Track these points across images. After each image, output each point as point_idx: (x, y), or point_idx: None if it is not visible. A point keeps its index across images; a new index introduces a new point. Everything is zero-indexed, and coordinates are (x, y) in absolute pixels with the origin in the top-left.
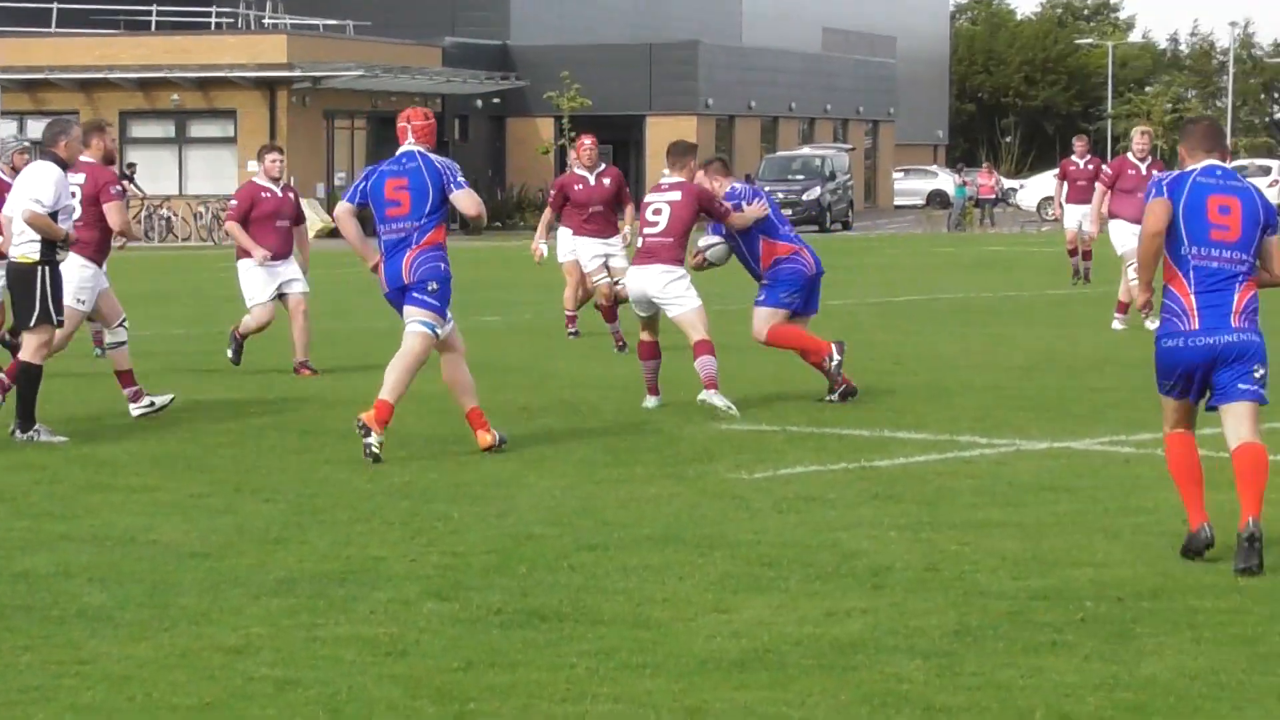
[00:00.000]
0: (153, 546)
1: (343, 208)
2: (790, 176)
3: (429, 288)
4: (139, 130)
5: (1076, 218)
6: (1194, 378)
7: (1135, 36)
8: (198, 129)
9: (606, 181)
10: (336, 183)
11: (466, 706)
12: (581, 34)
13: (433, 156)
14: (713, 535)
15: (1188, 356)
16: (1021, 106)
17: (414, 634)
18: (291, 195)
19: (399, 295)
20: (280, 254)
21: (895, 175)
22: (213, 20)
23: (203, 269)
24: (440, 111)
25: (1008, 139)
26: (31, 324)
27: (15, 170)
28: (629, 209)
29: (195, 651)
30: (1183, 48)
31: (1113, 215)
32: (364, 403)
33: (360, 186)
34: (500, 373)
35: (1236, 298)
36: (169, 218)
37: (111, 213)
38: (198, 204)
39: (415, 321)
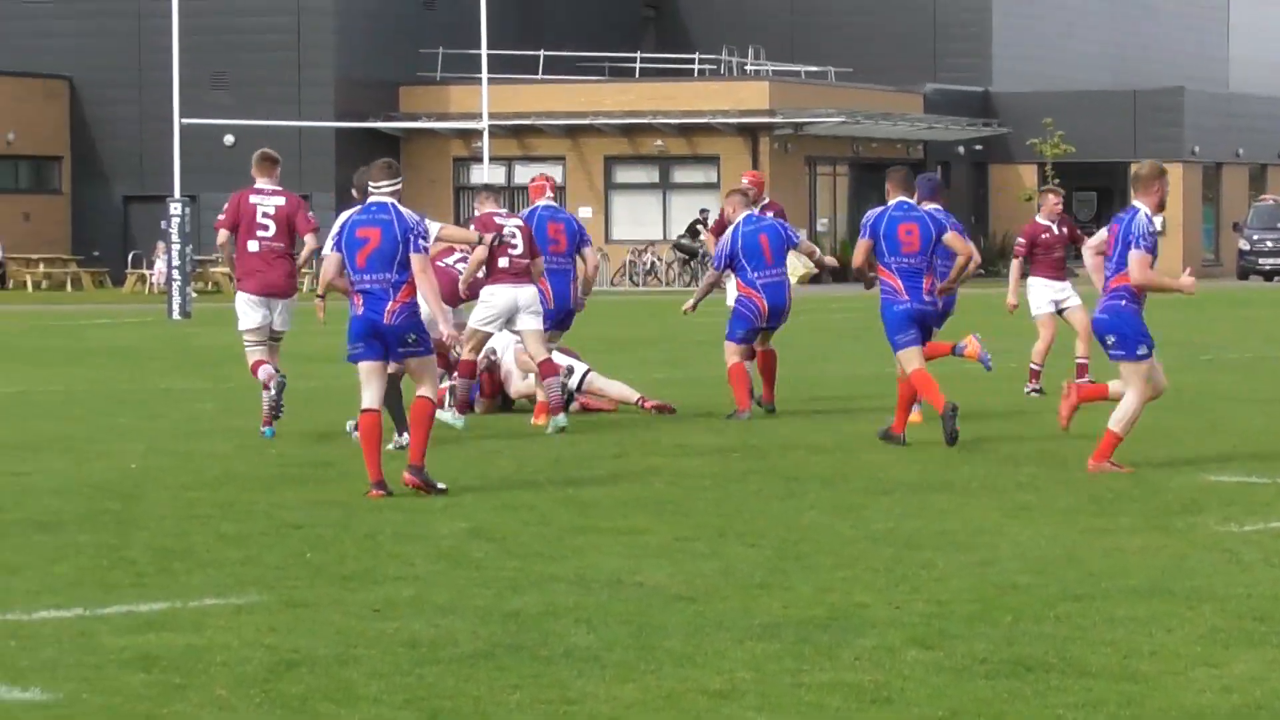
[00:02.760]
0: (638, 589)
1: None
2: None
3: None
4: (623, 175)
5: None
6: (916, 326)
7: None
8: (680, 175)
9: (1064, 230)
10: (819, 229)
11: None
12: (1064, 80)
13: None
14: (1201, 588)
15: (906, 313)
16: None
17: (898, 681)
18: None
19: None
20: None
21: None
22: (695, 67)
23: (677, 313)
24: (922, 158)
25: None
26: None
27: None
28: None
29: (680, 694)
30: None
31: None
32: (846, 448)
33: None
34: (981, 421)
35: (924, 282)
36: (652, 262)
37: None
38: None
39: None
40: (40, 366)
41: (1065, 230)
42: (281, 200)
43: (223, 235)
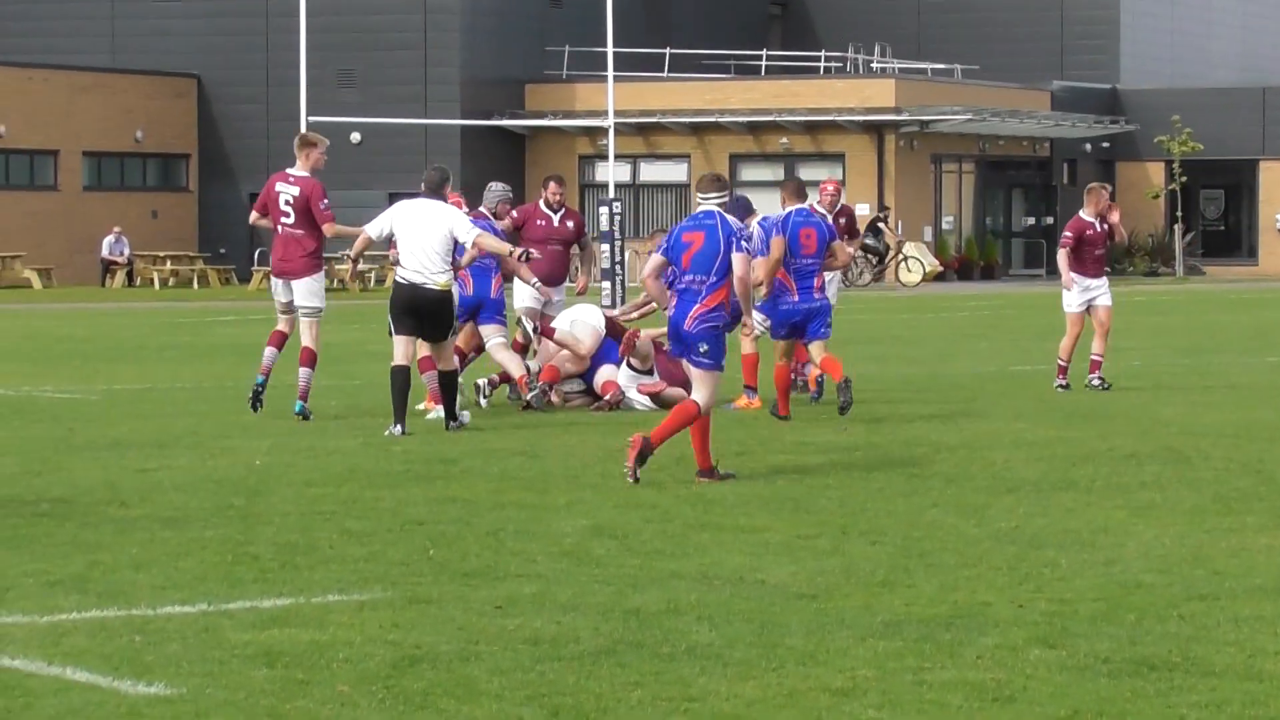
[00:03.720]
0: (760, 586)
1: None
2: None
3: None
4: (748, 173)
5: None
6: (799, 325)
7: None
8: (806, 172)
9: (1104, 227)
10: (944, 226)
11: None
12: (1192, 77)
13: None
14: None
15: (794, 314)
16: None
17: (1020, 680)
18: (570, 223)
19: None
20: (547, 278)
21: None
22: (821, 65)
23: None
24: (1049, 155)
25: None
26: (450, 336)
27: (496, 216)
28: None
29: (802, 692)
30: None
31: None
32: (970, 445)
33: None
34: (1106, 419)
35: (815, 282)
36: None
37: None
38: None
39: None
40: (167, 363)
41: (1106, 228)
42: (298, 190)
43: (253, 217)
